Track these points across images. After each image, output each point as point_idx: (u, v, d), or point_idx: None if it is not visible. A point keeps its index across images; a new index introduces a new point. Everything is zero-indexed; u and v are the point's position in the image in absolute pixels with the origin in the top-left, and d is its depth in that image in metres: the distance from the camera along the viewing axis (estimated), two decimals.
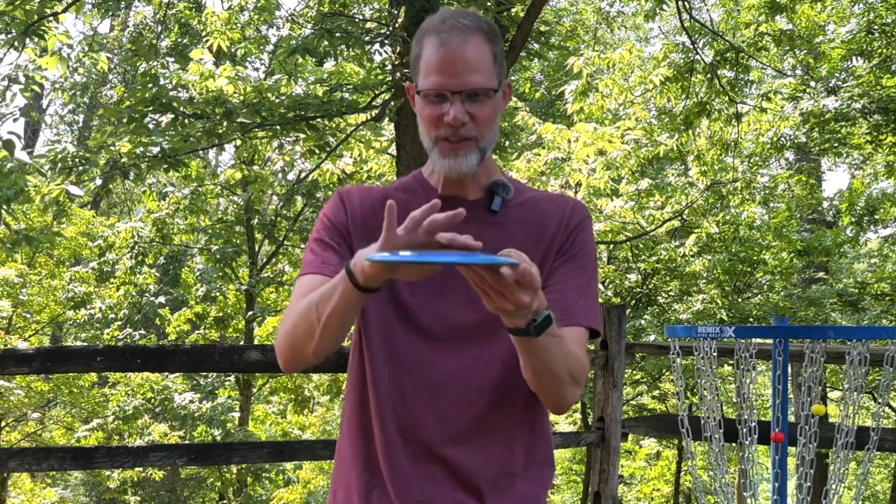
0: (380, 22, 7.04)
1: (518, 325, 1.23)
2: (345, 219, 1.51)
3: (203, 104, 6.12)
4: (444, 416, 1.44)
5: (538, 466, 1.52)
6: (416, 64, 1.46)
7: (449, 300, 1.45)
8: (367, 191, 1.56)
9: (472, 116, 1.42)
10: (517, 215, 1.51)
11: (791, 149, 10.59)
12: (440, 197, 1.51)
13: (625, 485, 15.22)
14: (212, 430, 10.20)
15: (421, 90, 1.43)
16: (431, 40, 1.42)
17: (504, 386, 1.45)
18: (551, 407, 1.45)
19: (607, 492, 4.28)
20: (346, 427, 1.54)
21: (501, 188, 1.51)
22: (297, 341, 1.40)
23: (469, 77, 1.40)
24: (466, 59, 1.40)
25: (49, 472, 11.66)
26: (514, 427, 1.48)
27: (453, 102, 1.40)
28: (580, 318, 1.45)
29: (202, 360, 3.62)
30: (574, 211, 1.53)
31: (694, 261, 9.92)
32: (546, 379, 1.35)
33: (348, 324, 1.37)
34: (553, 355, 1.31)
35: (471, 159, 1.44)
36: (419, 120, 1.48)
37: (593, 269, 1.52)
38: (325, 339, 1.37)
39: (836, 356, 3.44)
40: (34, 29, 6.00)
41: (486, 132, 1.44)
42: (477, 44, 1.42)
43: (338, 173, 8.82)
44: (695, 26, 8.23)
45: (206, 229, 11.52)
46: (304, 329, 1.38)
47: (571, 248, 1.49)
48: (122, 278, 11.81)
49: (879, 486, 16.02)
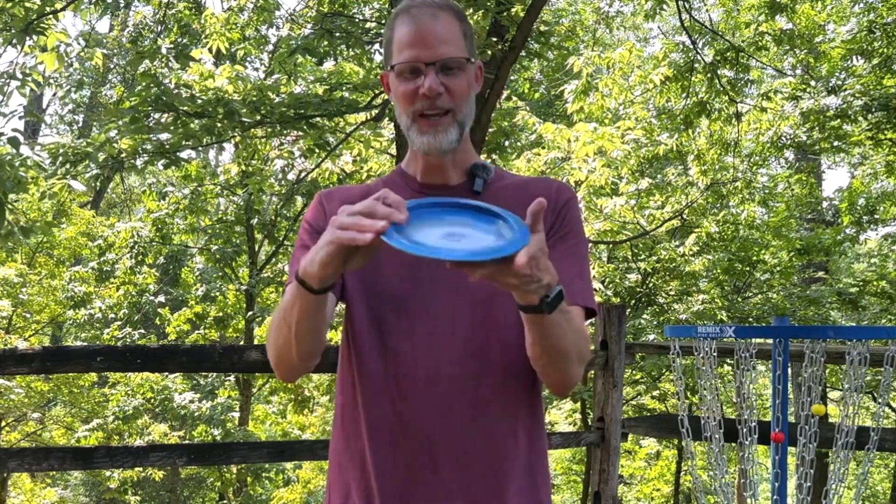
0: (380, 22, 7.04)
1: (531, 301, 1.19)
2: (325, 220, 1.47)
3: (204, 103, 6.13)
4: (443, 405, 1.40)
5: (539, 453, 1.49)
6: (388, 47, 1.46)
7: (438, 285, 1.42)
8: (348, 191, 1.55)
9: (448, 88, 1.41)
10: (502, 197, 1.47)
11: (791, 148, 10.59)
12: (421, 184, 1.50)
13: (625, 485, 15.22)
14: (211, 429, 10.19)
15: (395, 65, 1.43)
16: (402, 19, 1.43)
17: (503, 370, 1.42)
18: (554, 387, 1.41)
19: (607, 492, 4.28)
20: (340, 424, 1.50)
21: (481, 169, 1.50)
22: (280, 353, 1.39)
23: (441, 48, 1.40)
24: (437, 32, 1.41)
25: (49, 472, 11.66)
26: (514, 412, 1.45)
27: (427, 74, 1.40)
28: (577, 297, 1.42)
29: (202, 360, 3.61)
30: (560, 191, 1.51)
31: (693, 260, 9.92)
32: (554, 356, 1.32)
33: (321, 324, 1.35)
34: (563, 331, 1.28)
35: (450, 134, 1.43)
36: (395, 101, 1.46)
37: (585, 249, 1.50)
38: (305, 345, 1.35)
39: (836, 356, 3.44)
40: (34, 27, 6.00)
41: (462, 104, 1.43)
42: (447, 19, 1.42)
43: (337, 172, 8.82)
44: (695, 26, 8.24)
45: (206, 229, 11.51)
46: (283, 341, 1.36)
47: (562, 228, 1.48)
48: (122, 278, 11.82)
49: (879, 487, 16.02)
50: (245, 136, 7.82)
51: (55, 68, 6.09)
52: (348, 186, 1.59)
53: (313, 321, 1.32)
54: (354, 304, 1.46)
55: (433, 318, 1.42)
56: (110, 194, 19.16)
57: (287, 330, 1.34)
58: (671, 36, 14.74)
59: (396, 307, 1.43)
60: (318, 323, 1.33)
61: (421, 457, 1.40)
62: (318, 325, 1.34)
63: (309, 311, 1.29)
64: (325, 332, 1.38)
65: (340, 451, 1.50)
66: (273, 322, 1.39)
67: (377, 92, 6.78)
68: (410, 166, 1.54)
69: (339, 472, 1.50)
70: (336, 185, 8.42)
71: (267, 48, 12.36)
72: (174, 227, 11.53)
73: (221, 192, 11.48)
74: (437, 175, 1.50)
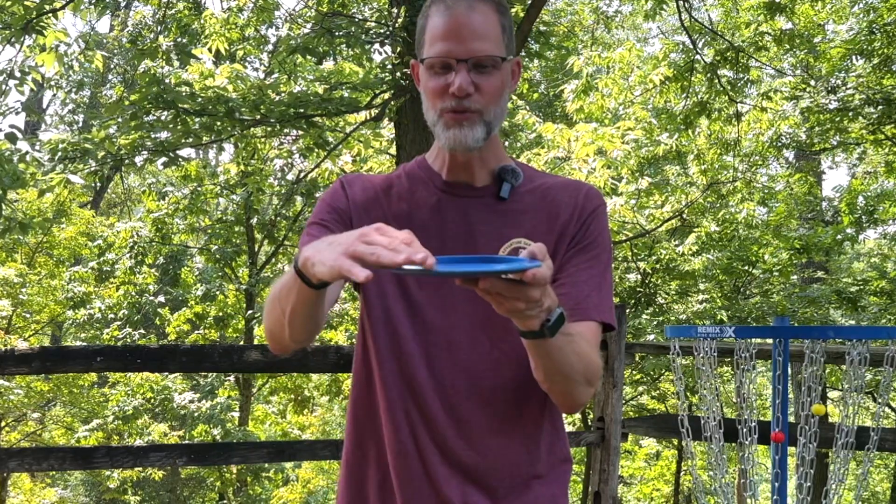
0: (380, 22, 7.04)
1: (531, 327, 1.15)
2: (346, 203, 1.45)
3: (205, 101, 6.13)
4: (458, 415, 1.38)
5: (558, 465, 1.47)
6: (420, 36, 1.39)
7: (457, 294, 1.36)
8: (369, 178, 1.50)
9: (478, 87, 1.34)
10: (527, 202, 1.43)
11: (791, 148, 10.59)
12: (445, 183, 1.45)
13: (625, 485, 15.21)
14: (211, 429, 10.19)
15: (425, 59, 1.36)
16: (437, 8, 1.36)
17: (520, 383, 1.38)
18: (563, 407, 1.39)
19: (607, 492, 4.28)
20: (353, 428, 1.47)
21: (510, 174, 1.43)
22: (272, 331, 1.34)
23: (475, 44, 1.33)
24: (473, 26, 1.33)
25: (49, 472, 11.66)
26: (533, 427, 1.42)
27: (458, 71, 1.33)
28: (593, 312, 1.37)
29: (202, 360, 3.62)
30: (587, 198, 1.45)
31: (693, 260, 9.91)
32: (558, 379, 1.29)
33: (316, 315, 1.27)
34: (566, 355, 1.24)
35: (476, 132, 1.36)
36: (423, 95, 1.40)
37: (607, 260, 1.44)
38: (297, 331, 1.29)
39: (836, 356, 3.44)
40: (33, 25, 5.99)
41: (491, 105, 1.36)
42: (485, 12, 1.34)
43: (337, 172, 8.82)
44: (695, 26, 8.24)
45: (206, 229, 11.51)
46: (275, 320, 1.31)
47: (584, 238, 1.42)
48: (122, 278, 11.82)
49: (879, 487, 16.02)
50: (244, 136, 7.81)
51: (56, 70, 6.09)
52: (370, 175, 1.53)
53: (309, 310, 1.25)
54: (374, 307, 1.42)
55: (450, 328, 1.39)
56: (110, 194, 19.16)
57: (280, 313, 1.27)
58: (671, 36, 14.74)
59: (413, 313, 1.40)
60: (314, 312, 1.26)
61: (433, 465, 1.38)
62: (315, 314, 1.27)
63: (306, 302, 1.22)
64: (321, 320, 1.31)
65: (353, 455, 1.48)
66: (269, 297, 1.33)
67: (377, 92, 6.78)
68: (436, 162, 1.47)
69: (350, 476, 1.47)
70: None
71: (266, 48, 12.36)
72: (174, 227, 11.52)
73: (221, 191, 11.48)
74: (462, 174, 1.44)
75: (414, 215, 1.43)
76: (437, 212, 1.43)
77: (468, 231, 1.41)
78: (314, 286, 1.16)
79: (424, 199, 1.45)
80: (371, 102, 6.91)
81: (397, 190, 1.47)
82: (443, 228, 1.42)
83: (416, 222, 1.42)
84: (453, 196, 1.44)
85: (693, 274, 10.04)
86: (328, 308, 1.35)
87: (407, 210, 1.44)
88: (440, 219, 1.43)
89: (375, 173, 7.69)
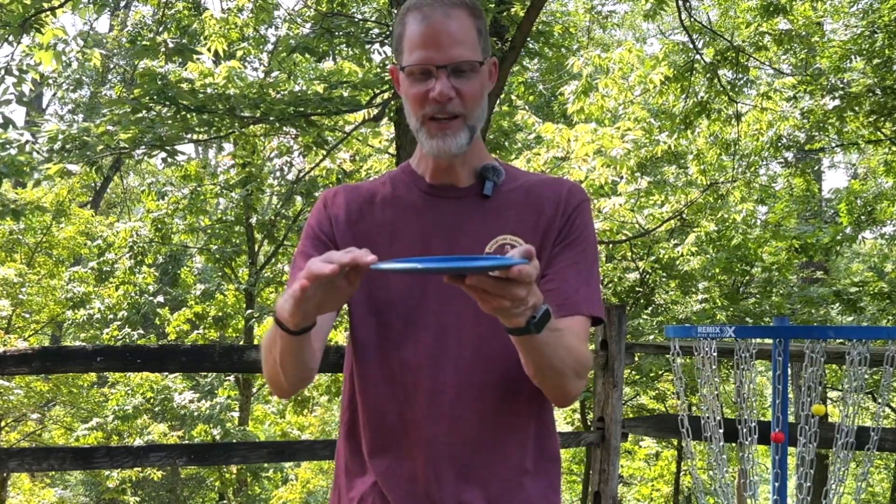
0: (379, 22, 7.04)
1: (518, 324, 1.16)
2: (328, 226, 1.47)
3: (205, 98, 6.12)
4: (449, 415, 1.39)
5: (548, 462, 1.48)
6: (399, 43, 1.41)
7: (445, 297, 1.39)
8: (354, 189, 1.51)
9: (459, 92, 1.36)
10: (512, 200, 1.45)
11: (791, 148, 10.59)
12: (430, 186, 1.47)
13: (625, 485, 15.21)
14: (211, 429, 10.19)
15: (405, 66, 1.38)
16: (414, 16, 1.38)
17: (510, 380, 1.39)
18: (555, 401, 1.41)
19: (607, 492, 4.28)
20: (346, 431, 1.49)
21: (492, 172, 1.46)
22: (270, 379, 1.39)
23: (454, 50, 1.35)
24: (450, 33, 1.35)
25: (49, 472, 11.66)
26: (523, 422, 1.44)
27: (438, 77, 1.35)
28: (582, 306, 1.40)
29: (202, 360, 3.62)
30: (571, 193, 1.47)
31: (692, 260, 9.92)
32: (548, 374, 1.30)
33: (305, 358, 1.32)
34: (555, 350, 1.26)
35: (460, 138, 1.39)
36: (405, 101, 1.42)
37: (594, 254, 1.46)
38: (291, 375, 1.34)
39: (836, 356, 3.44)
40: (31, 23, 5.99)
41: (473, 108, 1.39)
42: (460, 17, 1.37)
43: (336, 171, 8.82)
44: (695, 25, 8.23)
45: (206, 229, 11.51)
46: (270, 368, 1.36)
47: (570, 234, 1.44)
48: (122, 278, 11.81)
49: (879, 487, 16.02)
50: (243, 134, 7.79)
51: (53, 68, 6.07)
52: (355, 185, 1.55)
53: (297, 355, 1.30)
54: (360, 315, 1.44)
55: (440, 328, 1.40)
56: (110, 194, 19.15)
57: (273, 361, 1.32)
58: (669, 35, 14.74)
59: (404, 317, 1.41)
60: (302, 356, 1.31)
61: (426, 468, 1.39)
62: (304, 357, 1.32)
63: (290, 349, 1.27)
64: (313, 362, 1.36)
65: (346, 457, 1.49)
66: (262, 347, 1.38)
67: (377, 91, 6.78)
68: (420, 165, 1.50)
69: (345, 476, 1.49)
70: (335, 185, 8.43)
71: (266, 48, 12.36)
72: (173, 227, 11.52)
73: (221, 191, 11.48)
74: (446, 176, 1.46)
75: (400, 220, 1.46)
76: (422, 214, 1.45)
77: (454, 231, 1.43)
78: (294, 333, 1.23)
79: (409, 203, 1.47)
80: (371, 102, 6.91)
81: (382, 197, 1.49)
82: (429, 230, 1.44)
83: (403, 226, 1.45)
84: (438, 198, 1.46)
85: (692, 274, 10.04)
86: (320, 345, 1.39)
87: (392, 216, 1.46)
88: (426, 221, 1.45)
89: (374, 173, 7.68)
